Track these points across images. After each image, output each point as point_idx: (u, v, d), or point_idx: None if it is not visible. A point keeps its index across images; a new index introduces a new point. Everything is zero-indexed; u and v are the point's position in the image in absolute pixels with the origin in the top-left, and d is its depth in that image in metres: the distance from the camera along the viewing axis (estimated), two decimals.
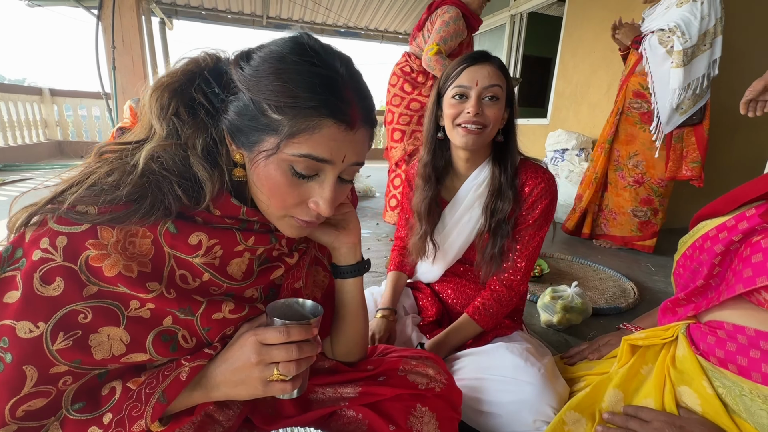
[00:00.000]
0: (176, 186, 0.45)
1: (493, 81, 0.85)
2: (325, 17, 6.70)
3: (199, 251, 0.47)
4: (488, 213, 0.93)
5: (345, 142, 0.45)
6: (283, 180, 0.46)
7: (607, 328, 1.38)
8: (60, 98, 5.59)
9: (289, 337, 0.46)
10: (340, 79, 0.45)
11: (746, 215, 0.56)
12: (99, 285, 0.43)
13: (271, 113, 0.43)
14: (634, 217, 2.23)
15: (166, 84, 0.47)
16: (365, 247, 2.22)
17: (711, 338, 0.58)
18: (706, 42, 1.89)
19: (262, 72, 0.44)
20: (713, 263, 0.59)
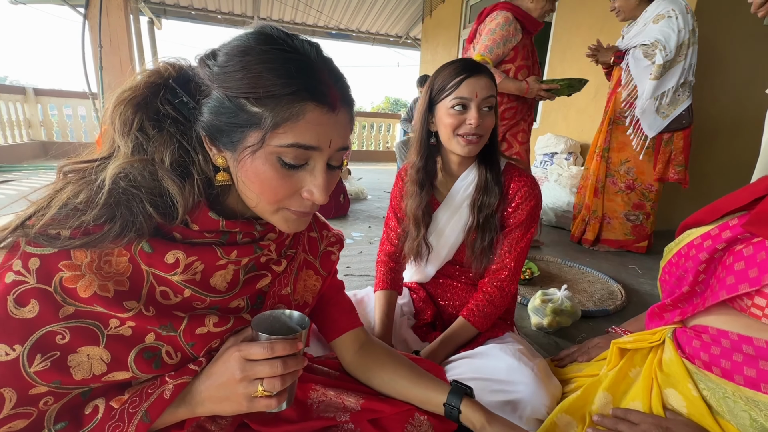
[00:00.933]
0: (147, 204, 0.44)
1: (490, 92, 0.88)
2: (316, 19, 6.70)
3: (177, 269, 0.46)
4: (476, 208, 0.97)
5: (329, 126, 0.45)
6: (272, 173, 0.44)
7: (596, 330, 1.41)
8: (44, 98, 5.48)
9: (273, 352, 0.45)
10: (314, 61, 0.44)
11: (729, 225, 0.59)
12: (75, 305, 0.42)
13: (250, 107, 0.42)
14: (627, 221, 2.31)
15: (129, 98, 0.44)
16: (358, 251, 2.22)
17: (696, 342, 0.60)
18: (682, 53, 2.01)
19: (232, 67, 0.42)
20: (698, 270, 0.61)
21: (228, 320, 0.51)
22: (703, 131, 2.83)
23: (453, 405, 0.60)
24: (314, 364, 0.74)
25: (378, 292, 1.06)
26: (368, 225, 2.82)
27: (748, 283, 0.52)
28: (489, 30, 1.95)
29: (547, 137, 3.42)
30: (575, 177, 2.86)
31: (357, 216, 3.08)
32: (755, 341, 0.55)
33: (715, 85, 2.73)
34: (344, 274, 1.85)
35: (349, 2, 6.23)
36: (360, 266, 1.97)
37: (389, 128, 7.96)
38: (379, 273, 1.10)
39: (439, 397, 0.61)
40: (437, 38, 5.88)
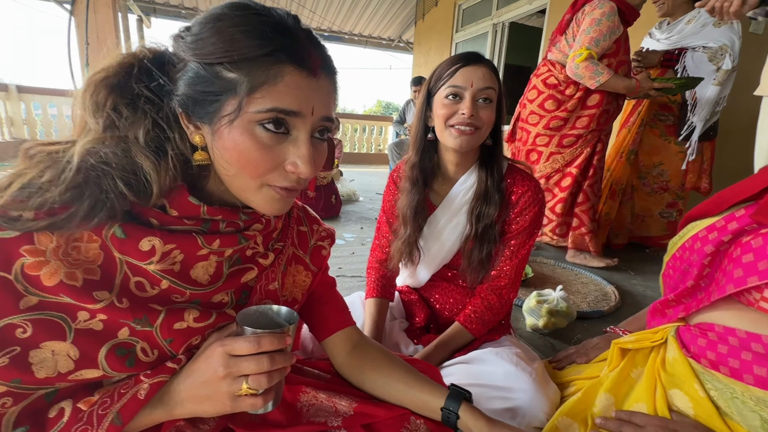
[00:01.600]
0: (118, 181, 0.40)
1: (488, 83, 0.83)
2: (309, 20, 6.67)
3: (153, 258, 0.43)
4: (474, 217, 0.92)
5: (311, 91, 0.42)
6: (252, 144, 0.41)
7: (592, 331, 1.39)
8: (28, 95, 5.33)
9: (260, 347, 0.42)
10: (291, 23, 0.42)
11: (736, 216, 0.57)
12: (39, 295, 0.39)
13: (225, 73, 0.40)
14: (662, 218, 2.32)
15: (101, 78, 0.42)
16: (349, 251, 2.18)
17: (702, 340, 0.58)
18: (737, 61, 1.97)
19: (205, 33, 0.40)
20: (703, 264, 0.59)
21: (210, 315, 0.47)
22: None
23: (451, 410, 0.57)
24: (305, 366, 0.71)
25: (368, 300, 1.01)
26: (360, 226, 2.78)
27: (757, 275, 0.50)
28: (593, 20, 1.74)
29: None
30: None
31: (349, 217, 3.05)
32: (764, 338, 0.53)
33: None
34: (336, 275, 1.81)
35: (342, 4, 6.22)
36: (352, 267, 1.93)
37: (381, 131, 7.95)
38: (369, 280, 1.05)
39: (436, 402, 0.58)
40: (430, 42, 5.90)
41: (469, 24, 5.02)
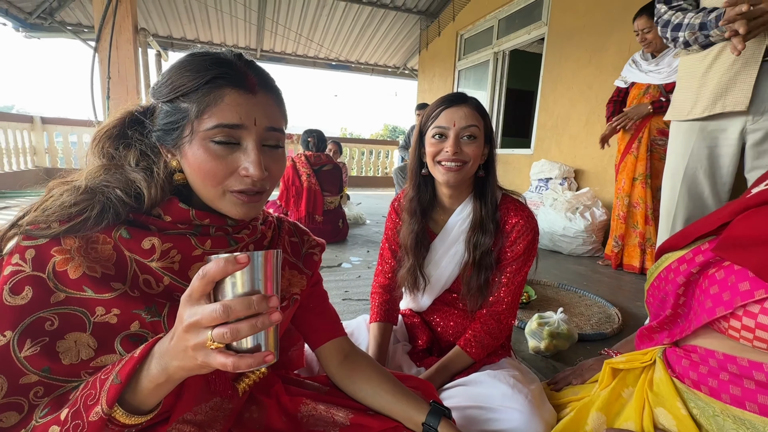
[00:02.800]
0: (118, 191, 0.50)
1: (470, 122, 0.90)
2: (317, 51, 6.97)
3: (154, 255, 0.50)
4: (471, 246, 0.97)
5: (250, 105, 0.50)
6: (207, 156, 0.49)
7: (593, 353, 1.41)
8: (51, 126, 5.61)
9: (205, 277, 0.35)
10: (228, 57, 0.51)
11: (701, 249, 0.62)
12: (66, 291, 0.46)
13: (181, 104, 0.49)
14: None
15: (104, 132, 0.54)
16: (356, 275, 2.23)
17: (685, 361, 0.62)
18: None
19: (164, 79, 0.51)
20: (678, 293, 0.64)
21: None
22: None
23: (431, 425, 0.62)
24: (305, 380, 0.76)
25: (373, 324, 1.06)
26: (366, 249, 2.83)
27: (723, 306, 0.55)
28: None
29: (541, 163, 3.50)
30: (570, 202, 2.91)
31: (355, 241, 3.11)
32: (739, 360, 0.57)
33: None
34: (342, 298, 1.86)
35: (349, 36, 6.51)
36: (358, 290, 1.98)
37: (387, 154, 8.11)
38: (373, 305, 1.10)
39: (418, 416, 0.63)
40: (433, 69, 6.10)
41: (471, 52, 5.22)
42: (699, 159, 1.14)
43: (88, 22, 5.40)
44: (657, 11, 1.20)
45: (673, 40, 1.13)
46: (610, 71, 3.10)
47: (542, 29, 3.89)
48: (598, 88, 3.22)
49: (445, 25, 5.64)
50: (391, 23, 6.25)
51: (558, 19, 3.65)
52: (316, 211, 2.92)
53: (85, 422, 0.40)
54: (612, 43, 3.08)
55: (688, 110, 1.12)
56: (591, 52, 3.28)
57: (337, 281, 2.11)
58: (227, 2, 5.24)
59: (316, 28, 6.17)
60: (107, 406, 0.39)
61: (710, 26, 1.00)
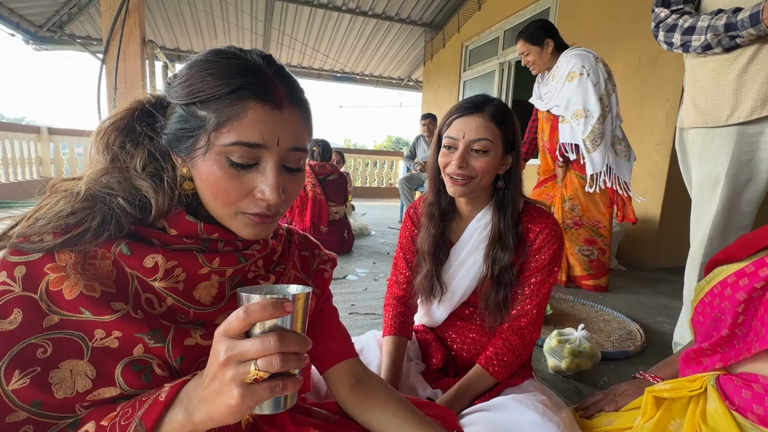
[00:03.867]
0: (121, 200, 0.45)
1: (481, 134, 0.83)
2: (322, 63, 7.02)
3: (157, 274, 0.45)
4: (490, 260, 0.91)
5: (275, 123, 0.44)
6: (221, 174, 0.44)
7: (618, 373, 1.32)
8: (57, 136, 5.64)
9: (248, 316, 0.35)
10: (257, 64, 0.45)
11: (766, 261, 0.55)
12: (61, 314, 0.41)
13: (198, 111, 0.44)
14: (583, 255, 2.25)
15: (110, 125, 0.48)
16: (362, 288, 2.16)
17: (746, 392, 0.54)
18: (604, 104, 1.98)
19: (185, 77, 0.45)
20: (737, 311, 0.57)
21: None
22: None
23: None
24: (313, 407, 0.69)
25: (386, 338, 0.99)
26: (372, 261, 2.76)
27: None
28: None
29: None
30: None
31: (361, 252, 3.04)
32: None
33: None
34: (348, 312, 1.78)
35: (354, 47, 6.55)
36: (365, 304, 1.90)
37: (392, 165, 8.08)
38: (387, 317, 1.03)
39: None
40: (438, 80, 6.11)
41: (476, 63, 5.21)
42: (740, 165, 1.08)
43: (97, 35, 5.47)
44: (656, 16, 1.15)
45: (683, 44, 1.08)
46: (619, 81, 3.04)
47: None
48: None
49: (449, 36, 5.66)
50: (396, 35, 6.29)
51: (565, 29, 3.62)
52: (321, 222, 2.86)
53: None
54: (620, 53, 3.05)
55: (727, 115, 1.06)
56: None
57: (342, 294, 2.04)
58: (234, 13, 5.30)
59: (321, 40, 6.22)
60: None
61: (742, 26, 0.95)
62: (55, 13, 4.97)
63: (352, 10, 5.47)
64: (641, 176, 2.90)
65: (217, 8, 5.18)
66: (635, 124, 2.93)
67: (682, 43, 1.08)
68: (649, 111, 2.82)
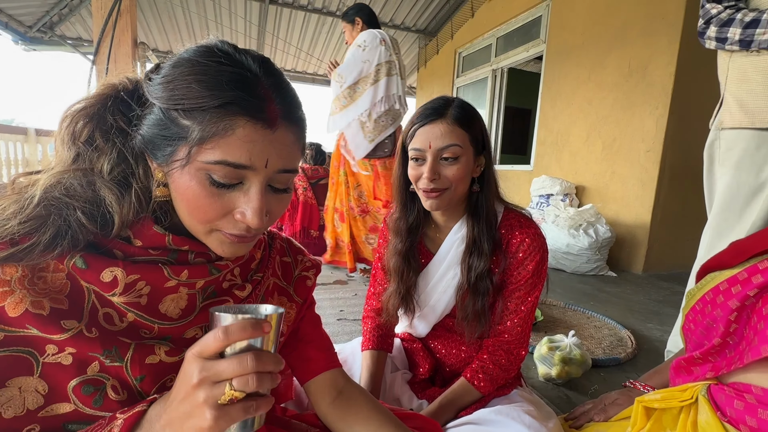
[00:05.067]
0: (79, 213, 0.40)
1: (447, 141, 0.77)
2: (317, 67, 7.01)
3: (116, 289, 0.41)
4: (465, 268, 0.85)
5: (265, 144, 0.40)
6: (200, 191, 0.40)
7: (609, 381, 1.30)
8: (46, 138, 5.52)
9: (227, 337, 0.34)
10: (252, 74, 0.40)
11: (759, 268, 0.53)
12: (5, 330, 0.37)
13: (180, 119, 0.39)
14: (368, 244, 2.30)
15: (79, 109, 0.43)
16: (352, 293, 2.12)
17: (739, 403, 0.52)
18: (368, 82, 2.08)
19: (168, 78, 0.40)
20: (729, 320, 0.55)
21: (182, 351, 0.43)
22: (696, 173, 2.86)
23: None
24: (293, 420, 0.66)
25: (365, 352, 0.95)
26: (363, 265, 2.73)
27: None
28: None
29: (542, 179, 3.44)
30: (573, 218, 2.84)
31: None
32: None
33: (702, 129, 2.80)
34: (337, 318, 1.75)
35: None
36: (354, 309, 1.87)
37: None
38: (365, 330, 0.98)
39: None
40: (432, 86, 6.13)
41: (469, 69, 5.25)
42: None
43: (88, 36, 5.40)
44: (706, 12, 1.08)
45: (742, 40, 1.00)
46: (610, 88, 3.09)
47: (540, 47, 3.91)
48: (598, 105, 3.20)
49: (443, 43, 5.69)
50: None
51: (556, 37, 3.67)
52: (312, 226, 2.83)
53: None
54: (611, 61, 3.08)
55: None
56: (590, 69, 3.28)
57: (331, 299, 2.00)
58: (228, 16, 5.27)
59: (316, 44, 6.21)
60: None
61: None
62: (46, 14, 4.90)
63: None
64: (631, 182, 2.92)
65: (211, 11, 5.16)
66: (625, 130, 2.96)
67: (741, 38, 1.00)
68: (639, 118, 2.85)
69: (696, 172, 2.84)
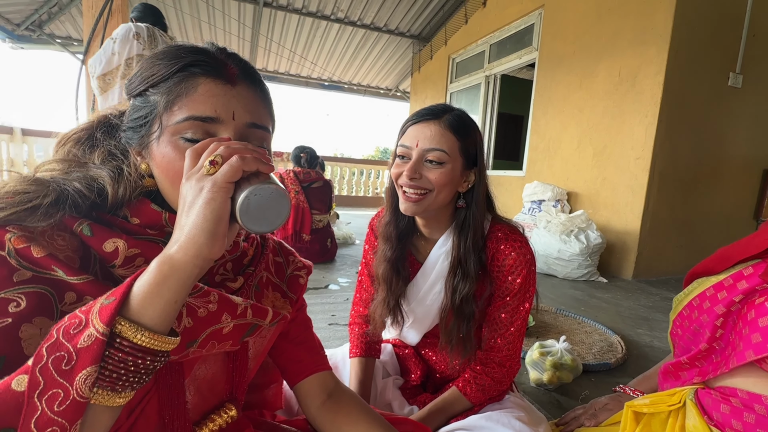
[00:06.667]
0: (76, 183, 0.43)
1: (435, 144, 0.74)
2: (310, 71, 7.02)
3: (116, 261, 0.42)
4: (449, 290, 0.81)
5: (228, 98, 0.43)
6: (176, 154, 0.42)
7: (600, 386, 1.31)
8: (31, 138, 5.43)
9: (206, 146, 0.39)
10: (207, 47, 0.46)
11: (744, 274, 0.54)
12: (32, 269, 0.38)
13: (150, 96, 0.44)
14: None
15: (69, 137, 0.48)
16: (344, 298, 2.11)
17: (725, 407, 0.53)
18: (118, 75, 2.13)
19: (138, 68, 0.46)
20: (715, 325, 0.56)
21: None
22: (683, 181, 2.92)
23: None
24: (281, 425, 0.65)
25: (353, 359, 0.93)
26: (355, 270, 2.72)
27: None
28: None
29: (534, 185, 3.48)
30: (564, 224, 2.86)
31: (344, 261, 2.99)
32: None
33: (690, 137, 2.87)
34: (328, 323, 1.74)
35: (342, 56, 6.58)
36: (346, 314, 1.86)
37: (378, 174, 8.09)
38: (352, 337, 0.96)
39: None
40: (426, 91, 6.17)
41: (462, 75, 5.29)
42: None
43: (78, 35, 5.34)
44: None
45: None
46: (601, 96, 3.14)
47: (533, 54, 3.96)
48: (589, 112, 3.25)
49: (437, 49, 5.74)
50: (384, 46, 6.34)
51: (548, 44, 3.72)
52: (304, 230, 2.81)
53: (73, 351, 0.31)
54: (602, 69, 3.13)
55: None
56: (581, 77, 3.33)
57: (323, 304, 1.99)
58: (221, 18, 5.26)
59: (310, 48, 6.22)
60: (104, 324, 0.32)
61: None
62: (35, 12, 4.84)
63: (341, 20, 5.50)
64: (621, 189, 2.96)
65: (204, 13, 5.14)
66: (615, 138, 3.00)
67: None
68: (629, 126, 2.89)
69: (684, 180, 2.91)
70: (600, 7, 3.14)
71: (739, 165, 3.16)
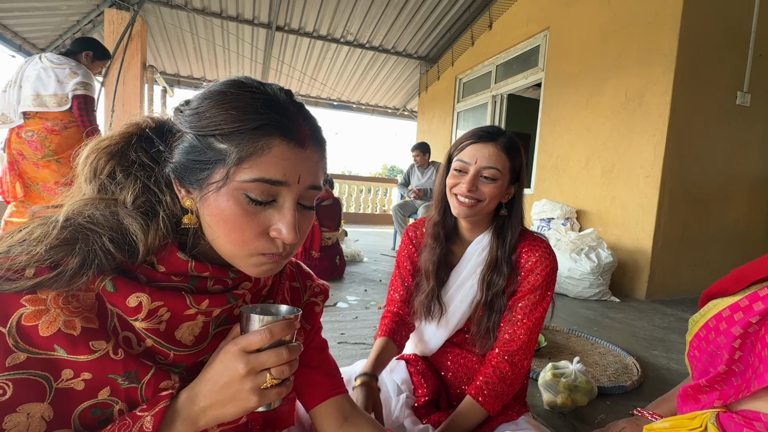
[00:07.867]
0: (106, 240, 0.41)
1: (491, 163, 0.86)
2: (320, 91, 7.19)
3: (139, 314, 0.42)
4: (484, 285, 0.92)
5: (298, 161, 0.43)
6: (237, 210, 0.42)
7: (615, 410, 1.27)
8: None
9: (272, 335, 0.42)
10: (283, 101, 0.44)
11: (760, 295, 0.54)
12: (29, 351, 0.38)
13: (217, 144, 0.42)
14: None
15: (104, 147, 0.45)
16: (353, 316, 2.10)
17: (748, 431, 0.52)
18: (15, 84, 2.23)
19: (202, 108, 0.43)
20: (733, 347, 0.55)
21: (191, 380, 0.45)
22: (695, 199, 2.89)
23: None
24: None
25: (378, 339, 0.99)
26: (364, 288, 2.72)
27: None
28: None
29: (542, 203, 3.47)
30: (574, 242, 2.84)
31: (353, 278, 2.99)
32: None
33: (699, 155, 2.86)
34: (338, 341, 1.73)
35: (351, 77, 6.74)
36: (355, 333, 1.85)
37: (386, 192, 8.14)
38: (382, 324, 1.03)
39: None
40: (433, 111, 6.27)
41: (469, 95, 5.38)
42: None
43: None
44: None
45: None
46: (608, 114, 3.16)
47: (539, 74, 4.03)
48: (596, 131, 3.27)
49: (444, 69, 5.86)
50: (392, 67, 6.50)
51: (554, 65, 3.78)
52: (313, 247, 2.83)
53: None
54: (608, 88, 3.17)
55: None
56: (588, 96, 3.37)
57: (332, 322, 1.98)
58: (235, 41, 5.45)
59: (320, 69, 6.39)
60: None
61: None
62: (59, 38, 5.07)
63: (350, 43, 5.66)
64: (631, 207, 2.94)
65: (219, 37, 5.33)
66: (624, 156, 3.01)
67: None
68: (637, 144, 2.90)
69: (696, 198, 2.89)
70: (605, 29, 3.20)
71: (751, 183, 3.14)
